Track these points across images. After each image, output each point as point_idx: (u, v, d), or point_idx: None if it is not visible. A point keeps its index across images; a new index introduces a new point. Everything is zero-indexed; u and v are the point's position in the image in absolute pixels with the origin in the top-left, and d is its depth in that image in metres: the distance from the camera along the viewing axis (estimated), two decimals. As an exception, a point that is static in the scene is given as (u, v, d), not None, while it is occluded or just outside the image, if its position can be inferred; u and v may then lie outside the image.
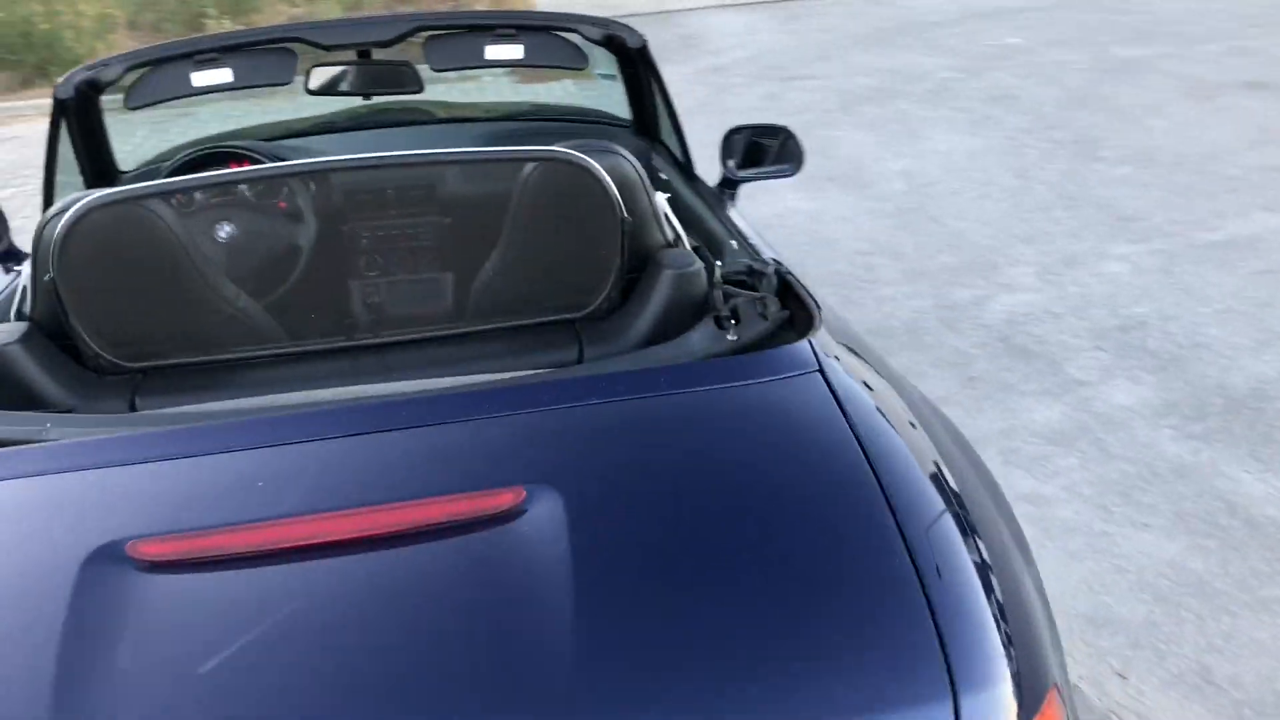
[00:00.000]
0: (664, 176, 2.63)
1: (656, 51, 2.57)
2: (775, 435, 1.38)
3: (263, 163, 2.72)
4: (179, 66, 2.37)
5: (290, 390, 1.65)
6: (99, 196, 1.60)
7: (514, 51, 2.48)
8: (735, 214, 2.38)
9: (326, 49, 2.41)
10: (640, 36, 2.54)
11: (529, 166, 1.71)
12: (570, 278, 1.78)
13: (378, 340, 1.74)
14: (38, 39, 9.23)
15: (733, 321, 1.68)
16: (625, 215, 1.73)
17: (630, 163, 1.83)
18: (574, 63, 2.49)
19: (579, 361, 1.72)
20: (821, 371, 1.47)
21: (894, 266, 4.69)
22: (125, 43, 9.79)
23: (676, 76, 8.43)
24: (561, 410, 1.39)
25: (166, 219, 1.64)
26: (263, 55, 2.39)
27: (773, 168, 2.67)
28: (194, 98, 2.41)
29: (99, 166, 2.66)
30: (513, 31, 2.48)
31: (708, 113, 7.34)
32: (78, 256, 1.60)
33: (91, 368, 1.68)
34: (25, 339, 1.63)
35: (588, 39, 2.49)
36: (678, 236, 1.94)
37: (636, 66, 2.62)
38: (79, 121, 2.48)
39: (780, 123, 2.74)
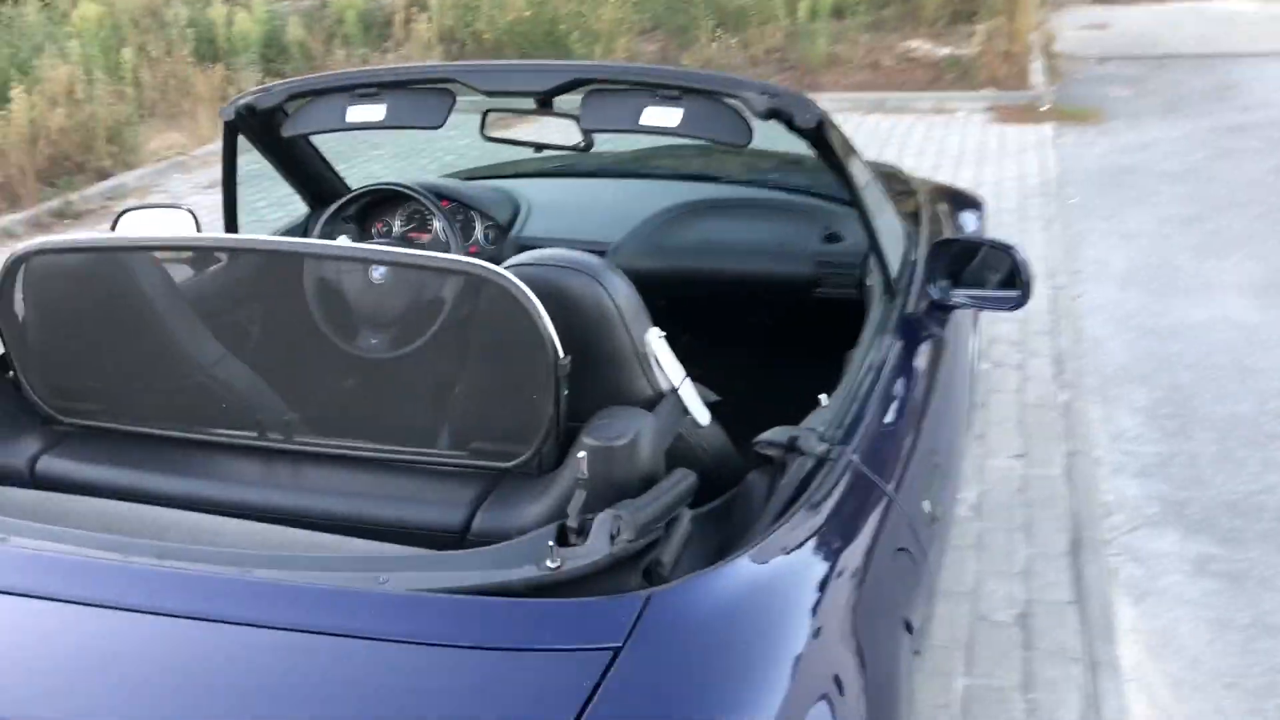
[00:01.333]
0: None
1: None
2: None
3: (421, 205, 2.66)
4: (337, 99, 2.25)
5: (198, 481, 1.55)
6: (42, 242, 1.58)
7: (671, 117, 2.01)
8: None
9: (486, 94, 2.19)
10: (815, 113, 1.91)
11: (450, 278, 1.47)
12: (499, 421, 1.49)
13: (287, 445, 1.57)
14: (557, 38, 9.98)
15: (580, 536, 1.23)
16: (559, 355, 1.38)
17: (605, 290, 1.49)
18: (735, 137, 1.94)
19: (463, 534, 1.40)
20: (617, 651, 1.06)
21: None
22: (637, 46, 10.30)
23: (1177, 133, 7.13)
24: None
25: (134, 271, 1.56)
26: (421, 95, 2.22)
27: (995, 293, 2.25)
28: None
29: (313, 189, 2.74)
30: (676, 93, 1.99)
31: (1190, 181, 6.11)
32: (26, 296, 1.59)
33: (39, 412, 1.67)
34: None
35: (753, 110, 1.93)
36: (674, 388, 1.53)
37: (818, 148, 2.00)
38: (262, 144, 2.46)
39: (1007, 240, 2.29)
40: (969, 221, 3.10)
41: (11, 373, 1.67)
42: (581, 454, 1.30)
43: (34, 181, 6.70)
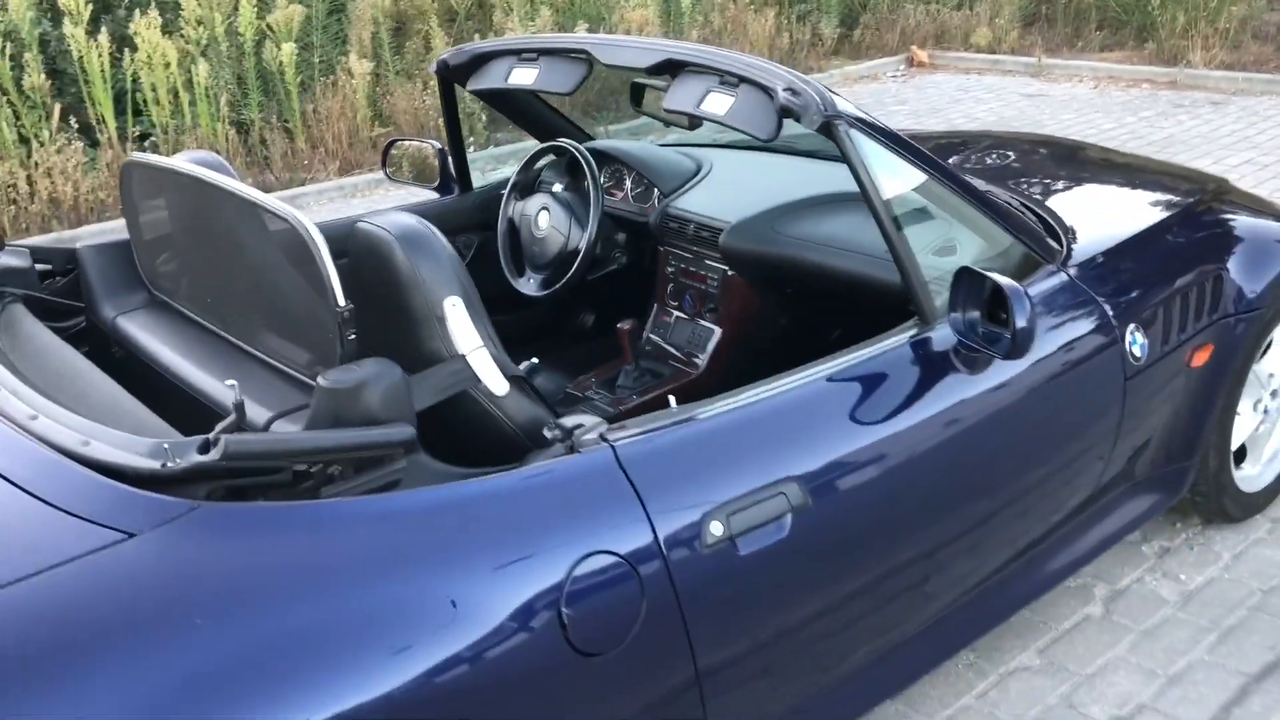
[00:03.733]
0: None
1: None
2: None
3: (578, 159, 2.81)
4: (505, 61, 2.51)
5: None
6: (144, 158, 2.10)
7: (722, 105, 2.05)
8: None
9: (604, 66, 2.33)
10: (824, 110, 1.88)
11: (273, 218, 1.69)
12: (305, 346, 1.75)
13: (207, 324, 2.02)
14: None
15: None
16: (339, 301, 1.56)
17: (407, 254, 1.67)
18: (762, 131, 1.95)
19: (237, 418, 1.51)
20: (129, 536, 1.34)
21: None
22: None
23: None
24: None
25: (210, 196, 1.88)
26: (567, 63, 2.39)
27: (988, 329, 1.94)
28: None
29: (541, 134, 3.05)
30: (735, 81, 2.05)
31: None
32: (138, 194, 2.15)
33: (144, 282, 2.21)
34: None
35: (775, 105, 1.92)
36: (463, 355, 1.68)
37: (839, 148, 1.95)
38: (445, 98, 2.80)
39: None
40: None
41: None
42: (230, 382, 1.49)
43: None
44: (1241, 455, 2.89)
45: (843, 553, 1.86)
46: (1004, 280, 1.87)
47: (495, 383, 1.65)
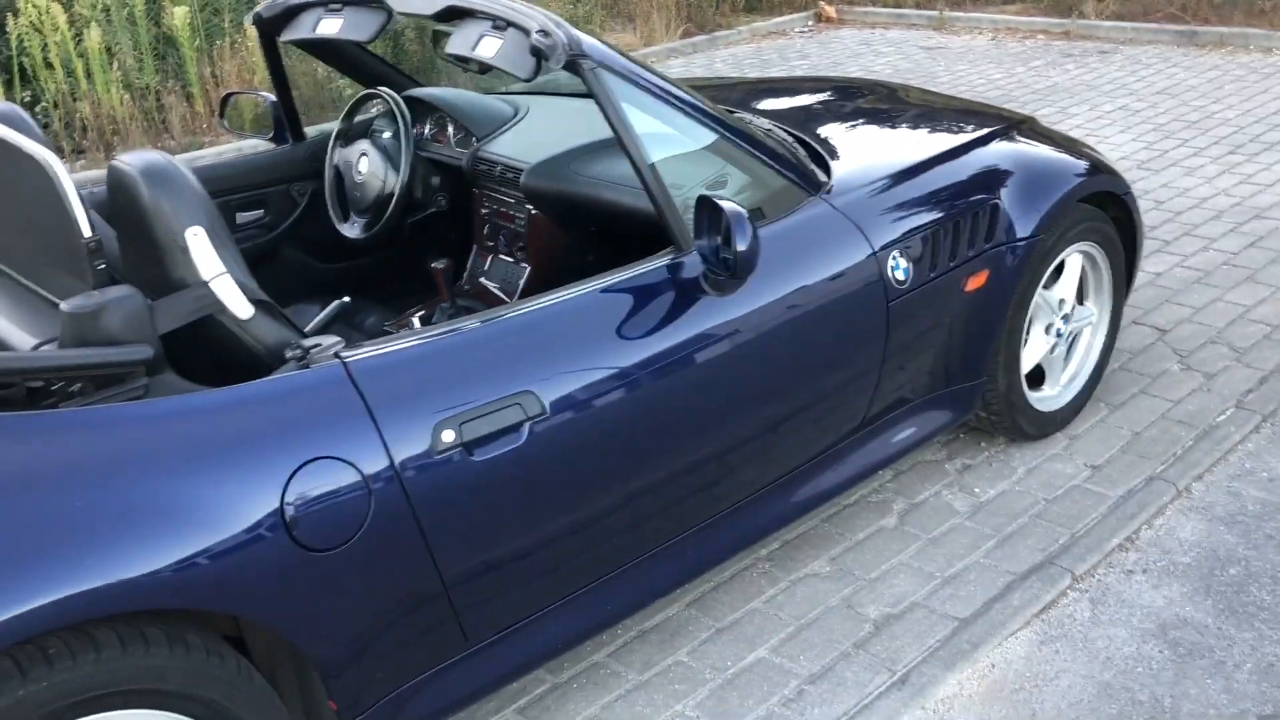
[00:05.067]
0: None
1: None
2: None
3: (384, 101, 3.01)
4: (314, 12, 2.60)
5: None
6: None
7: (491, 48, 2.15)
8: None
9: (399, 15, 2.42)
10: (569, 49, 2.01)
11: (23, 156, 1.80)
12: (59, 275, 1.84)
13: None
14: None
15: None
16: (84, 234, 1.70)
17: (147, 189, 1.77)
18: (522, 71, 2.05)
19: None
20: None
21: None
22: None
23: None
24: None
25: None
26: (364, 11, 2.46)
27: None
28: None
29: (365, 82, 3.17)
30: (504, 24, 2.14)
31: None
32: None
33: None
34: None
35: (527, 47, 2.05)
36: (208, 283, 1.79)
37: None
38: (266, 50, 2.91)
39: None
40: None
41: None
42: None
43: None
44: (1041, 379, 3.08)
45: (587, 462, 2.01)
46: (727, 205, 2.01)
47: (239, 307, 1.78)
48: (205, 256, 1.77)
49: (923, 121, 3.03)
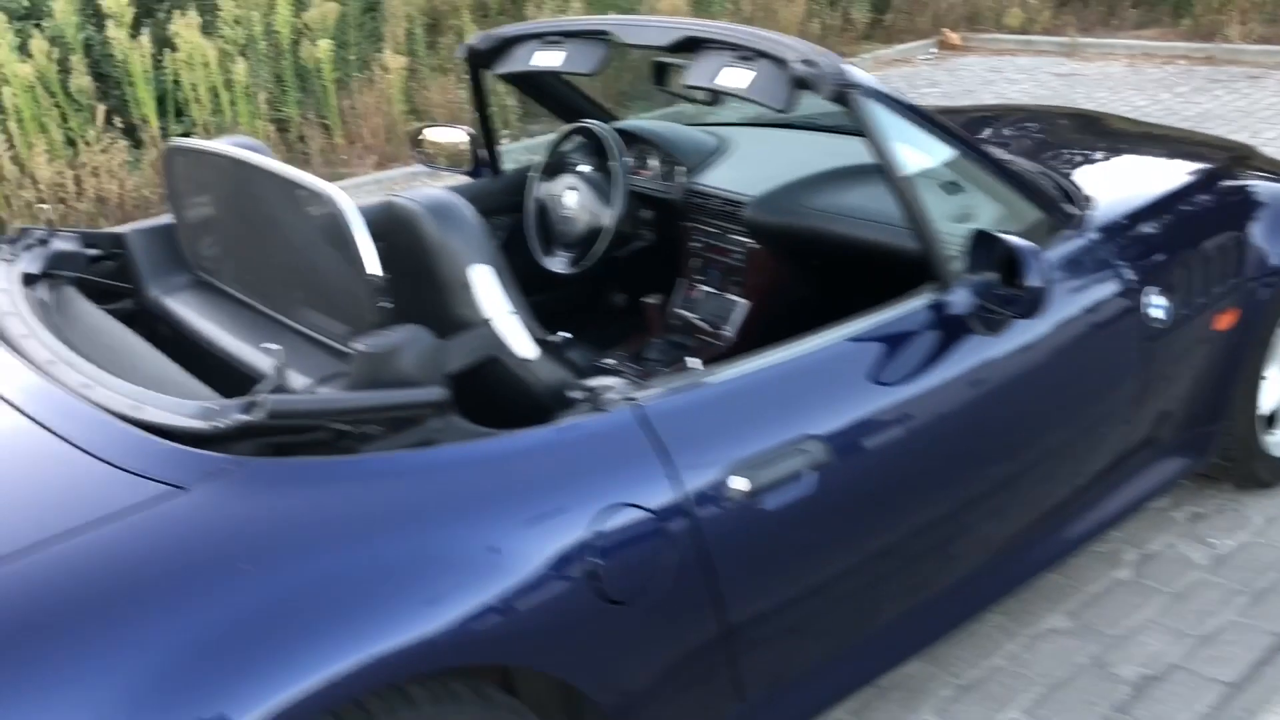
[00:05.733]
0: None
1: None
2: None
3: (603, 140, 2.88)
4: (530, 45, 2.57)
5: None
6: (184, 142, 2.13)
7: (740, 79, 2.10)
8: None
9: (627, 46, 2.39)
10: (838, 80, 1.93)
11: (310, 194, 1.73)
12: (341, 315, 1.78)
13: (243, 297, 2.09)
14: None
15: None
16: (371, 271, 1.62)
17: (434, 225, 1.74)
18: (778, 102, 1.98)
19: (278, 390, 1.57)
20: (179, 489, 1.43)
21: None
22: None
23: None
24: None
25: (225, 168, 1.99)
26: (586, 44, 2.45)
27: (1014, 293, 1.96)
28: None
29: (567, 116, 3.07)
30: (752, 55, 2.10)
31: None
32: (181, 176, 2.16)
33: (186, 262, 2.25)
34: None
35: (789, 78, 1.97)
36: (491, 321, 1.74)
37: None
38: (474, 83, 2.87)
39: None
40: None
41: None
42: (272, 346, 1.56)
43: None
44: (1274, 421, 2.90)
45: (867, 510, 1.91)
46: (1017, 241, 1.91)
47: (523, 347, 1.72)
48: (491, 295, 1.71)
49: (1149, 150, 2.89)
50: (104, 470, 1.48)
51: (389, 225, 1.83)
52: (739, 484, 1.70)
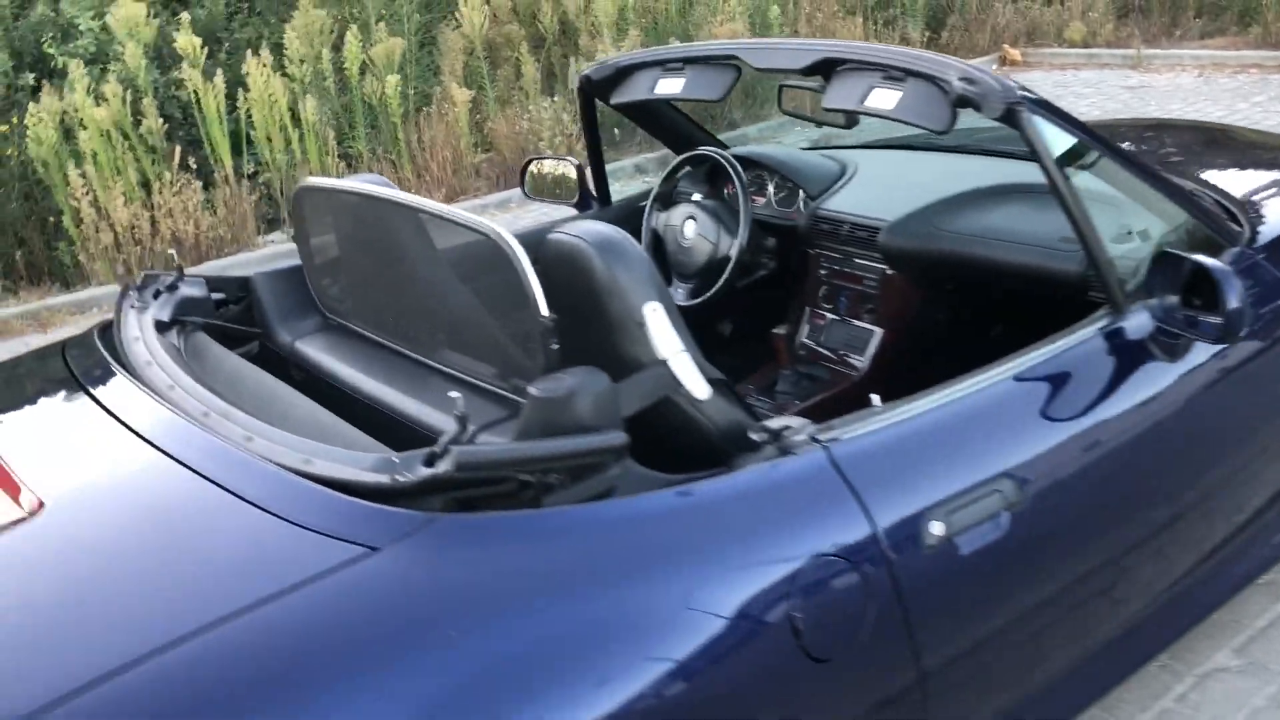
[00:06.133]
0: None
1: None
2: None
3: (717, 168, 2.84)
4: (650, 73, 2.53)
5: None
6: (315, 181, 2.09)
7: (889, 99, 2.02)
8: None
9: (755, 70, 2.35)
10: (1006, 96, 1.84)
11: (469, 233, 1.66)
12: (506, 359, 1.72)
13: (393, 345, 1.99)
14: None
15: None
16: (542, 312, 1.55)
17: (604, 261, 1.62)
18: (936, 123, 1.91)
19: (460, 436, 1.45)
20: (372, 551, 1.34)
21: None
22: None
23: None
24: None
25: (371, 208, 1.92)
26: (709, 70, 2.40)
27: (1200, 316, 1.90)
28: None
29: (679, 145, 3.00)
30: (901, 75, 2.02)
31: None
32: (310, 218, 2.13)
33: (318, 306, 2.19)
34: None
35: (949, 96, 1.89)
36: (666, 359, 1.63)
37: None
38: (586, 113, 2.81)
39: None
40: None
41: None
42: (454, 394, 1.45)
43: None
44: None
45: (1055, 550, 1.81)
46: (1210, 261, 1.82)
47: (697, 387, 1.63)
48: (665, 333, 1.63)
49: None
50: (283, 529, 1.41)
51: (550, 261, 1.76)
52: (936, 528, 1.61)
